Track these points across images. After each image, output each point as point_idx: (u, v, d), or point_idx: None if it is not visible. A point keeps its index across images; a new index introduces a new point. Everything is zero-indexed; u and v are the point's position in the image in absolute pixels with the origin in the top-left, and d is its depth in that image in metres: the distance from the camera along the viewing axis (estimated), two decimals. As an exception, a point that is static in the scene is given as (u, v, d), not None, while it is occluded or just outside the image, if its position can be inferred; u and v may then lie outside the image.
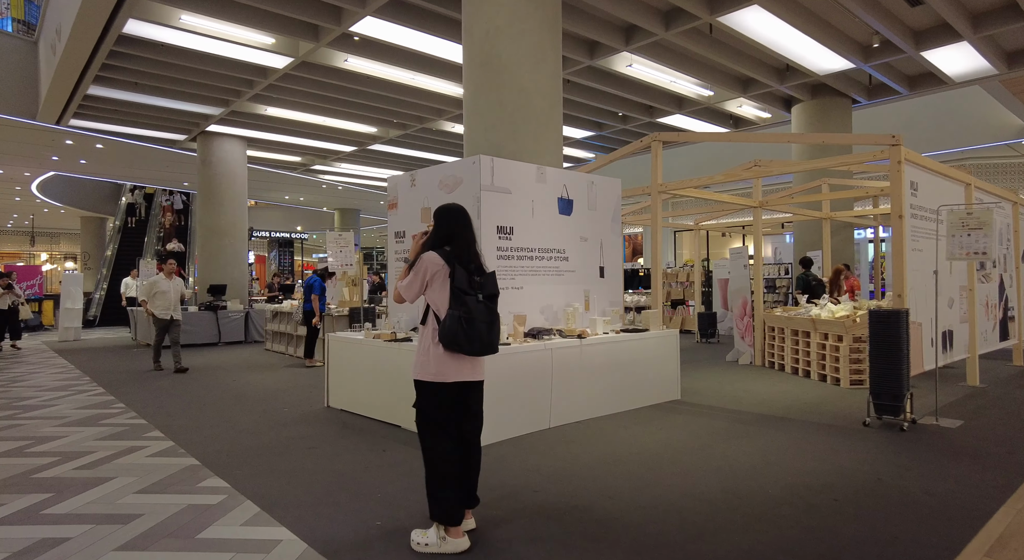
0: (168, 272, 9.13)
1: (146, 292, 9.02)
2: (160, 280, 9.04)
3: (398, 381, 5.46)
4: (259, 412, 6.23)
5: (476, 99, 6.83)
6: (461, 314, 2.92)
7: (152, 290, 8.95)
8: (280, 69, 10.49)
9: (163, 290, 8.99)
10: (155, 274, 15.18)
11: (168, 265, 9.19)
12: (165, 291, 9.01)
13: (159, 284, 9.00)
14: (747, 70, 10.64)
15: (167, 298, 9.00)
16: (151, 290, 8.96)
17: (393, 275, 6.89)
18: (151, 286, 8.99)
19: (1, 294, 12.63)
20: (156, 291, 8.94)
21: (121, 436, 5.29)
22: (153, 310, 8.94)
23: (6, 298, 12.70)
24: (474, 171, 5.79)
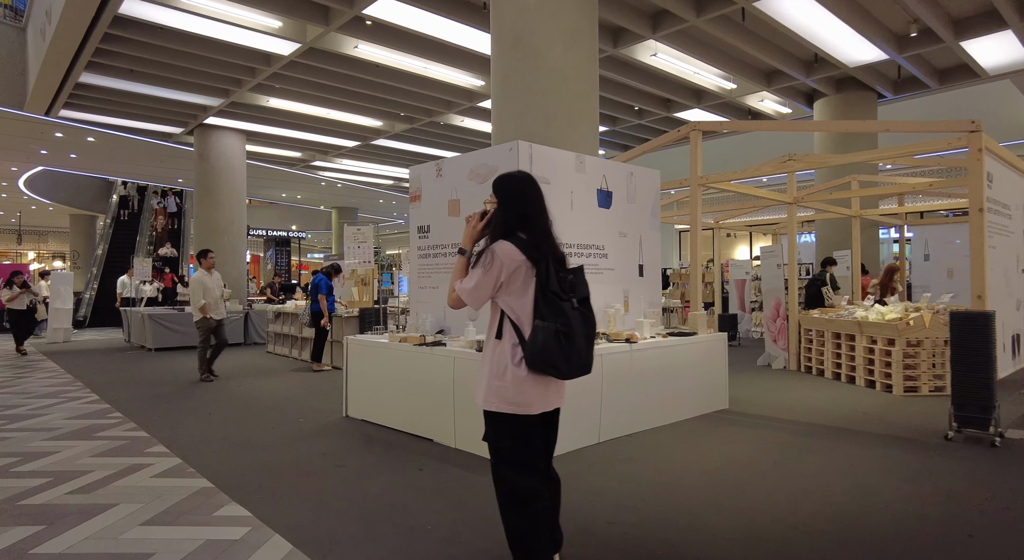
0: (209, 266, 8.18)
1: (199, 292, 7.92)
2: (206, 276, 8.06)
3: (430, 390, 4.93)
4: (272, 423, 5.67)
5: (505, 83, 6.32)
6: (559, 326, 2.30)
7: (203, 288, 7.94)
8: (286, 56, 9.93)
9: (210, 287, 8.05)
10: (149, 273, 14.62)
11: (209, 259, 8.21)
12: (212, 288, 8.09)
13: (206, 280, 8.02)
14: (774, 61, 10.19)
15: (214, 295, 8.09)
16: (202, 288, 7.94)
17: (414, 275, 6.36)
18: (200, 284, 7.95)
19: (18, 293, 11.55)
20: (206, 288, 7.98)
21: (120, 452, 4.72)
22: (209, 311, 7.98)
23: (23, 297, 11.63)
24: (510, 159, 5.27)
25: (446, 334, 5.72)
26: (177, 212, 21.72)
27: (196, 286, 7.99)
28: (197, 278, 8.04)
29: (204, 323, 8.02)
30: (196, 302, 7.93)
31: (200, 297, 7.91)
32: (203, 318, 7.98)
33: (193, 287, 8.02)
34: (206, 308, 7.94)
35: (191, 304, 8.05)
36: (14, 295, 11.51)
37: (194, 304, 7.97)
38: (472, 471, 4.12)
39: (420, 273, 6.27)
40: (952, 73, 11.06)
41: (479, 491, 3.73)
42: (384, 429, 5.36)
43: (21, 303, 11.58)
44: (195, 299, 7.95)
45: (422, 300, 6.23)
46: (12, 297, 11.51)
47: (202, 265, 8.18)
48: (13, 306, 11.55)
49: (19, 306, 11.55)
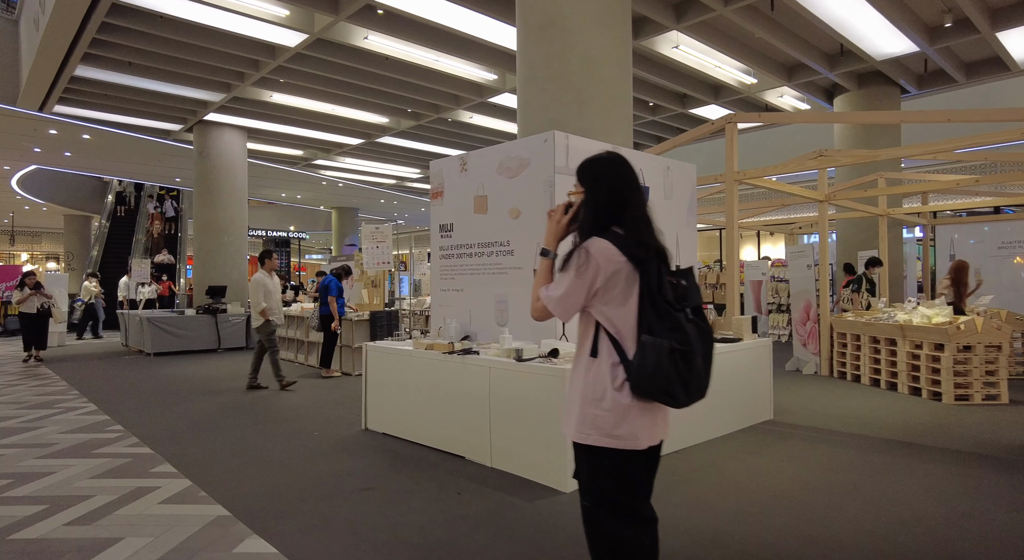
0: (271, 268, 7.72)
1: (260, 294, 7.40)
2: (268, 278, 7.58)
3: (461, 403, 4.52)
4: (285, 437, 5.25)
5: (533, 69, 5.91)
6: (674, 344, 1.87)
7: (264, 290, 7.45)
8: (292, 47, 9.49)
9: (271, 289, 7.57)
10: (148, 275, 14.15)
11: (271, 261, 7.76)
12: (273, 291, 7.61)
13: (268, 283, 7.54)
14: (798, 53, 9.81)
15: (275, 299, 7.61)
16: (263, 290, 7.43)
17: (436, 276, 5.94)
18: (262, 286, 7.45)
19: (28, 295, 10.52)
20: (267, 291, 7.50)
21: (123, 472, 4.29)
22: (270, 315, 7.49)
23: (34, 300, 10.59)
24: (545, 150, 4.87)
25: (472, 340, 5.31)
26: (174, 217, 21.13)
27: (257, 287, 7.44)
28: (259, 279, 7.50)
29: (266, 327, 7.51)
30: (257, 305, 7.43)
31: (261, 299, 7.41)
32: (265, 322, 7.49)
33: (254, 289, 7.46)
34: (267, 311, 7.47)
35: (252, 307, 7.53)
36: (24, 297, 10.53)
37: (255, 307, 7.46)
38: (516, 495, 3.71)
39: (442, 275, 5.86)
40: (980, 67, 10.72)
41: (529, 520, 3.32)
42: (409, 444, 4.94)
43: (32, 306, 10.58)
44: (256, 302, 7.43)
45: (444, 303, 5.82)
46: (22, 299, 10.53)
47: (264, 267, 7.71)
48: (24, 309, 10.58)
49: (29, 309, 10.57)
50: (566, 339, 4.72)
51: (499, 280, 5.24)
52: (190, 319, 11.84)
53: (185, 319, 11.78)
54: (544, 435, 3.91)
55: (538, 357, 4.18)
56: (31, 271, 10.98)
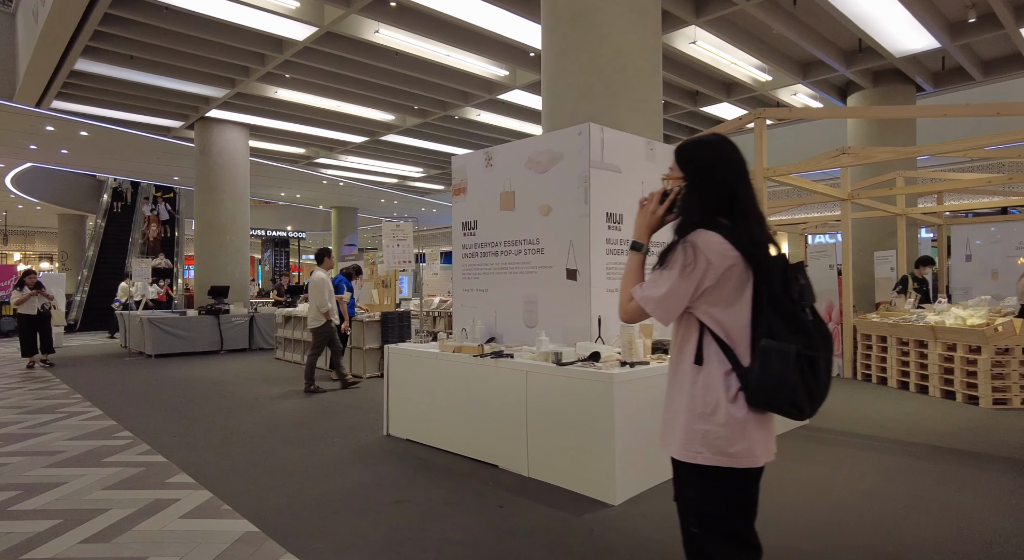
0: (329, 267, 7.49)
1: (325, 293, 7.12)
2: (329, 277, 7.35)
3: (494, 409, 4.29)
4: (305, 443, 5.01)
5: (561, 62, 5.70)
6: (801, 348, 1.65)
7: (329, 290, 7.19)
8: (300, 41, 9.25)
9: (332, 289, 7.37)
10: (149, 276, 13.87)
11: (330, 259, 7.52)
12: (333, 291, 7.43)
13: (329, 283, 7.29)
14: (817, 49, 9.64)
15: (333, 299, 7.40)
16: (327, 289, 7.16)
17: (458, 276, 5.71)
18: (326, 285, 7.16)
19: (29, 295, 9.87)
20: (330, 291, 7.24)
21: (138, 482, 4.04)
22: (332, 316, 7.27)
23: (35, 300, 9.94)
24: (580, 144, 4.65)
25: (498, 342, 5.09)
26: (170, 219, 20.77)
27: (323, 287, 7.13)
28: (323, 278, 7.20)
29: (327, 329, 7.25)
30: (322, 305, 7.12)
31: (326, 299, 7.12)
32: (326, 323, 7.21)
33: (318, 288, 7.12)
34: (331, 312, 7.22)
35: (316, 307, 7.20)
36: (24, 297, 9.86)
37: (319, 307, 7.16)
38: (562, 508, 3.49)
39: (465, 274, 5.64)
40: (998, 64, 10.58)
41: (580, 536, 3.10)
42: (436, 451, 4.71)
43: (32, 307, 9.93)
44: (321, 301, 7.12)
45: (467, 304, 5.59)
46: (22, 299, 9.85)
47: (323, 265, 7.43)
48: (23, 310, 9.92)
49: (29, 310, 9.92)
50: (602, 341, 4.51)
51: (528, 279, 5.02)
52: (192, 320, 11.56)
53: (187, 320, 11.50)
54: (588, 444, 3.69)
55: (578, 361, 3.96)
56: (31, 270, 10.41)
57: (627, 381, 3.63)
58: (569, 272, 4.72)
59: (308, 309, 7.34)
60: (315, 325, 7.25)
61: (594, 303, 4.56)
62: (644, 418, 3.80)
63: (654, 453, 3.92)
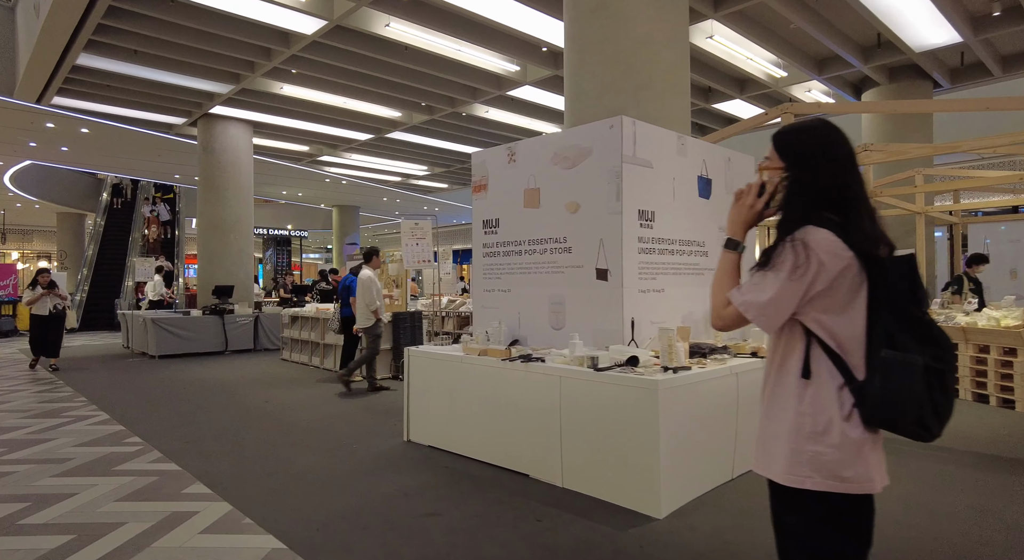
0: (376, 266, 7.43)
1: (373, 292, 7.03)
2: (376, 278, 7.25)
3: (524, 416, 4.10)
4: (321, 450, 4.82)
5: (584, 54, 5.51)
6: (929, 360, 1.46)
7: (377, 289, 7.10)
8: (308, 35, 9.04)
9: (380, 288, 7.25)
10: (154, 273, 13.66)
11: (378, 259, 7.46)
12: (381, 289, 7.31)
13: (377, 282, 7.20)
14: (835, 43, 9.44)
15: (381, 297, 7.29)
16: (375, 288, 7.07)
17: (478, 276, 5.51)
18: (375, 285, 7.07)
19: (41, 295, 9.36)
20: (378, 290, 7.15)
21: (153, 493, 3.85)
22: (381, 314, 7.19)
23: (47, 301, 9.44)
24: (611, 138, 4.45)
25: (522, 344, 4.89)
26: (170, 220, 20.47)
27: (372, 286, 7.05)
28: (371, 277, 7.12)
29: (376, 329, 7.17)
30: (371, 304, 7.06)
31: (375, 298, 7.05)
32: (376, 322, 7.13)
33: (366, 287, 7.05)
34: (379, 311, 7.12)
35: (364, 306, 7.11)
36: (36, 297, 9.35)
37: (368, 306, 7.09)
38: (604, 522, 3.30)
39: (485, 274, 5.44)
40: (1018, 60, 10.39)
41: (630, 553, 2.91)
42: (460, 459, 4.52)
43: (44, 307, 9.44)
44: (369, 301, 7.06)
45: (488, 305, 5.40)
46: (33, 299, 9.34)
47: (371, 264, 7.33)
48: (35, 310, 9.42)
49: (41, 311, 9.43)
50: (635, 345, 4.32)
51: (554, 279, 4.82)
52: (196, 320, 11.35)
53: (191, 320, 11.30)
54: (630, 454, 3.50)
55: (615, 366, 3.77)
56: (45, 268, 9.91)
57: (671, 388, 3.44)
58: (599, 272, 4.52)
59: (356, 308, 7.26)
60: (366, 325, 7.17)
61: (626, 304, 4.37)
62: (688, 427, 3.62)
63: (697, 462, 3.76)
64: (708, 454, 3.82)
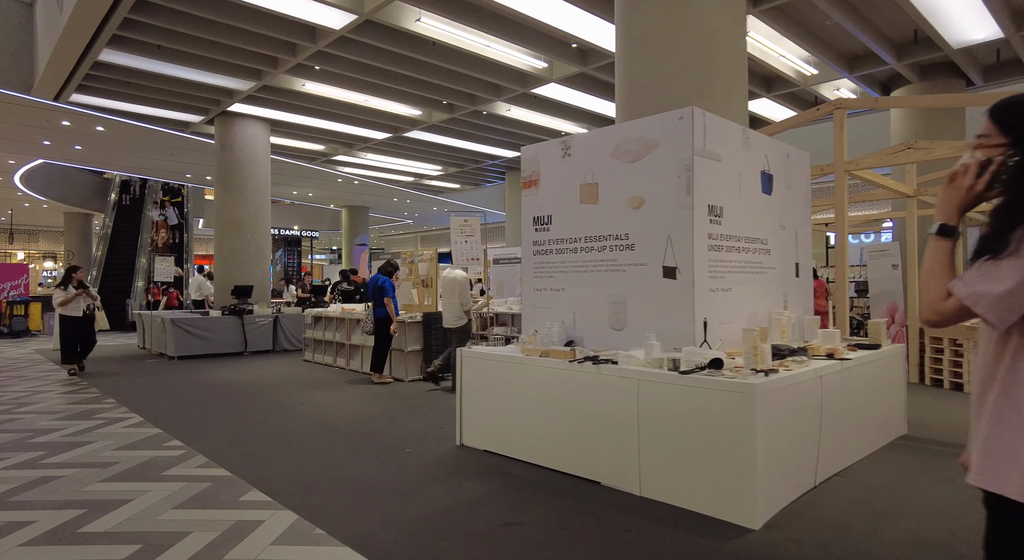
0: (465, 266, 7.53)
1: (468, 294, 7.06)
2: (468, 278, 7.34)
3: (596, 421, 3.93)
4: (375, 454, 4.64)
5: (642, 46, 5.34)
6: None
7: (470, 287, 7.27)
8: (336, 30, 8.87)
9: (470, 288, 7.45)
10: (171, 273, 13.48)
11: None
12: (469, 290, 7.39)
13: (468, 282, 7.29)
14: (871, 38, 9.27)
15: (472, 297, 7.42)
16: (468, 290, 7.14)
17: (528, 275, 5.34)
18: (467, 284, 7.14)
19: (75, 295, 8.78)
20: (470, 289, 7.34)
21: (210, 500, 3.67)
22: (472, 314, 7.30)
23: (80, 301, 8.87)
24: (680, 129, 4.28)
25: (578, 346, 4.72)
26: (178, 224, 20.19)
27: (465, 286, 7.07)
28: (464, 276, 7.16)
29: (468, 327, 7.15)
30: (466, 303, 7.08)
31: (469, 298, 7.10)
32: (468, 321, 7.14)
33: (460, 287, 7.05)
34: (471, 311, 7.20)
35: (459, 305, 7.07)
36: (69, 297, 8.74)
37: (463, 305, 7.10)
38: (698, 534, 3.12)
39: (536, 272, 5.27)
40: (1055, 58, 10.22)
41: (741, 568, 2.73)
42: (521, 465, 4.34)
43: (77, 308, 8.84)
44: (464, 299, 7.08)
45: (539, 305, 5.22)
46: (66, 300, 8.73)
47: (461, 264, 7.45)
48: (67, 311, 8.82)
49: (74, 312, 8.82)
50: (708, 346, 4.14)
51: (615, 279, 4.65)
52: (215, 321, 11.17)
53: (210, 321, 11.12)
54: (721, 461, 3.32)
55: (697, 369, 3.59)
56: (76, 266, 9.44)
57: (768, 392, 3.26)
58: (667, 270, 4.35)
59: (445, 308, 7.27)
60: (458, 324, 7.16)
61: (698, 304, 4.19)
62: (779, 432, 3.43)
63: (786, 470, 3.55)
64: (795, 461, 3.64)
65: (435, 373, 7.42)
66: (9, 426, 5.70)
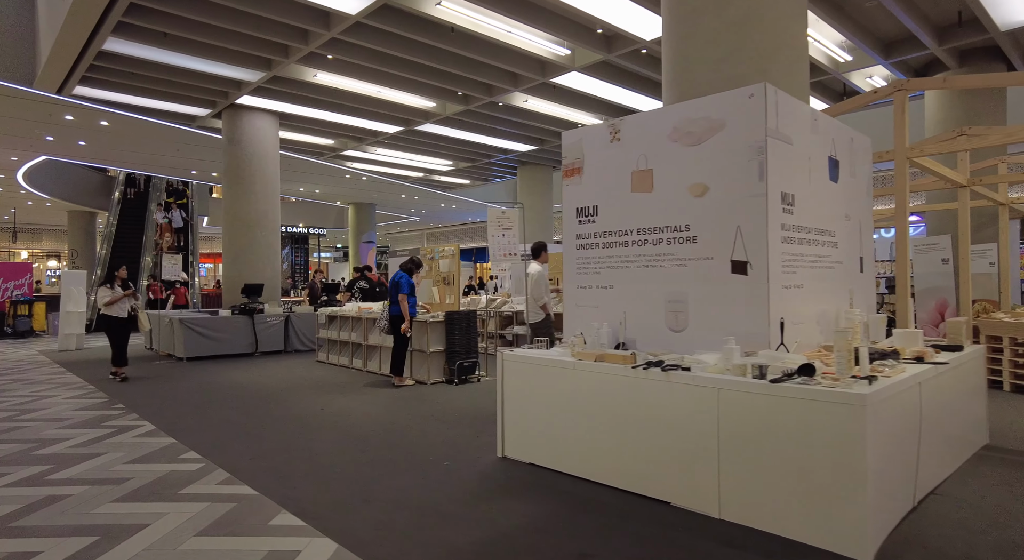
0: (545, 261, 7.21)
1: (544, 290, 6.87)
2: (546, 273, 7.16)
3: (666, 434, 3.52)
4: (410, 468, 4.23)
5: (699, 18, 4.92)
6: None
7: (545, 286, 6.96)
8: (352, 15, 8.45)
9: (547, 284, 7.14)
10: (179, 271, 13.10)
11: (546, 254, 7.25)
12: (548, 285, 7.19)
13: (546, 278, 7.12)
14: (913, 20, 8.83)
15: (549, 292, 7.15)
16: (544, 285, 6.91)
17: (571, 271, 4.92)
18: (543, 278, 6.94)
19: (120, 296, 8.13)
20: (546, 285, 7.02)
21: (236, 525, 3.26)
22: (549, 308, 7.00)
23: (126, 302, 8.26)
24: (751, 108, 3.87)
25: (630, 348, 4.30)
26: (183, 227, 19.76)
27: (542, 280, 6.85)
28: (541, 272, 6.94)
29: (547, 322, 6.90)
30: (539, 299, 6.87)
31: (543, 293, 6.85)
32: (546, 317, 6.88)
33: (539, 281, 6.86)
34: (548, 305, 6.91)
35: (533, 300, 6.85)
36: (116, 298, 8.10)
37: (536, 300, 6.87)
38: (802, 566, 2.71)
39: (579, 269, 4.86)
40: (1102, 41, 9.77)
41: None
42: (575, 481, 3.93)
43: (123, 309, 8.23)
44: (539, 294, 6.89)
45: (583, 303, 4.81)
46: (114, 300, 8.10)
47: (540, 259, 7.10)
48: (111, 312, 8.15)
49: (120, 313, 8.19)
50: (785, 349, 3.73)
51: (673, 274, 4.23)
52: (225, 320, 10.78)
53: (220, 320, 10.73)
54: (821, 481, 2.90)
55: (786, 376, 3.17)
56: (122, 264, 8.76)
57: (878, 402, 2.85)
58: (736, 264, 3.93)
59: (526, 303, 7.09)
60: (535, 320, 6.92)
61: (773, 302, 3.78)
62: (887, 448, 3.02)
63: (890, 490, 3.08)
64: (897, 480, 3.22)
65: None
66: (13, 435, 5.32)
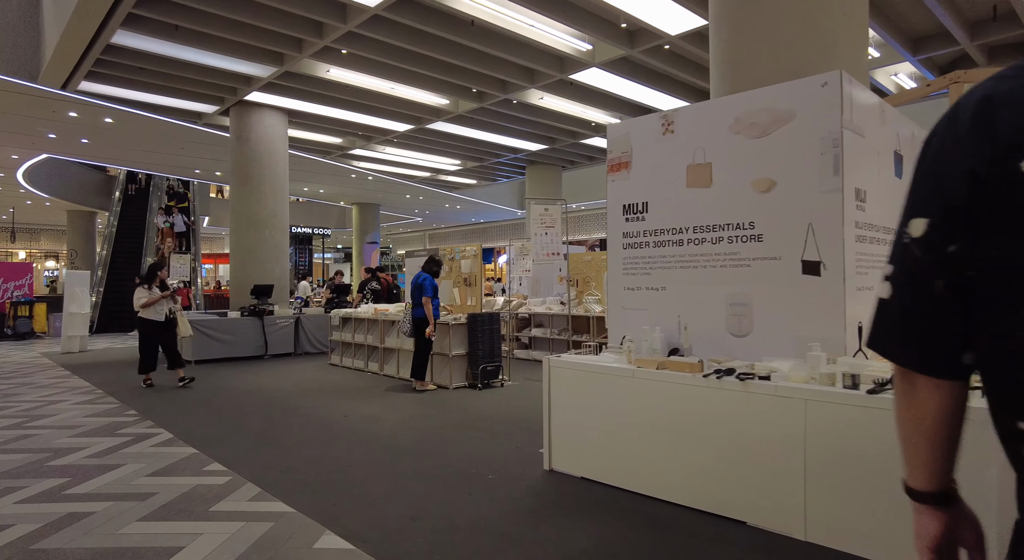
0: None
1: None
2: None
3: (742, 449, 3.25)
4: (453, 482, 3.95)
5: (754, 8, 4.64)
6: None
7: None
8: (371, 7, 8.18)
9: None
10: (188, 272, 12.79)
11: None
12: None
13: None
14: (946, 14, 8.58)
15: None
16: None
17: (616, 272, 4.66)
18: None
19: (159, 297, 7.64)
20: None
21: (278, 548, 2.98)
22: None
23: (164, 305, 7.76)
24: (824, 98, 3.61)
25: (686, 354, 4.04)
26: (186, 231, 19.39)
27: None
28: None
29: None
30: None
31: None
32: None
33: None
34: None
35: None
36: (154, 299, 7.59)
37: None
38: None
39: (626, 269, 4.59)
40: None
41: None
42: (633, 497, 3.65)
43: (160, 311, 7.71)
44: None
45: (631, 306, 4.54)
46: (151, 301, 7.58)
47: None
48: (149, 315, 7.62)
49: (157, 316, 7.68)
50: (864, 356, 3.46)
51: (735, 275, 3.96)
52: (235, 322, 10.49)
53: (229, 322, 10.44)
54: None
55: (879, 386, 2.91)
56: (159, 263, 8.19)
57: (998, 416, 2.58)
58: (808, 265, 3.66)
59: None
60: None
61: (849, 305, 3.51)
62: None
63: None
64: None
65: None
66: (24, 444, 5.03)
